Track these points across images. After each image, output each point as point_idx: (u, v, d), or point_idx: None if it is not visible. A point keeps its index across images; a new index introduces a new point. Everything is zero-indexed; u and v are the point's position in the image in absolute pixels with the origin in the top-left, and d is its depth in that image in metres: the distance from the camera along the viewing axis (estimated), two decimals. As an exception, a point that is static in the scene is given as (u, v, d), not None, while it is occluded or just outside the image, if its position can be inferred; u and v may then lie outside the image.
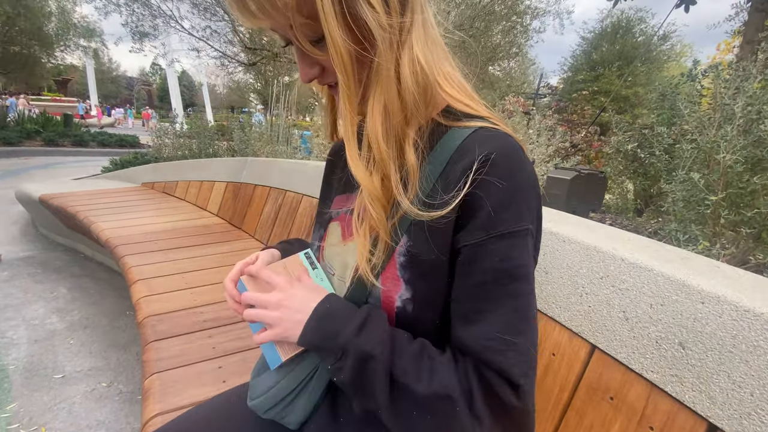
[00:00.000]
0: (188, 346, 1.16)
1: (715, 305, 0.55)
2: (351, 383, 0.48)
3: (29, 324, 2.26)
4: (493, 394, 0.45)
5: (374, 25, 0.44)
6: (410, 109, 0.48)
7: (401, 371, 0.47)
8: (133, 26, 6.75)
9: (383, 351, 0.47)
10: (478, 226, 0.46)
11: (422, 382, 0.46)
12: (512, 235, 0.46)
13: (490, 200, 0.46)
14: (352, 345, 0.48)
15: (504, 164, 0.46)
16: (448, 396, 0.45)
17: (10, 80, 16.42)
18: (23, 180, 5.98)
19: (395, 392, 0.47)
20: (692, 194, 1.52)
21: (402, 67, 0.46)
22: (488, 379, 0.45)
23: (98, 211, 2.60)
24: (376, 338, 0.48)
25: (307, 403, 0.60)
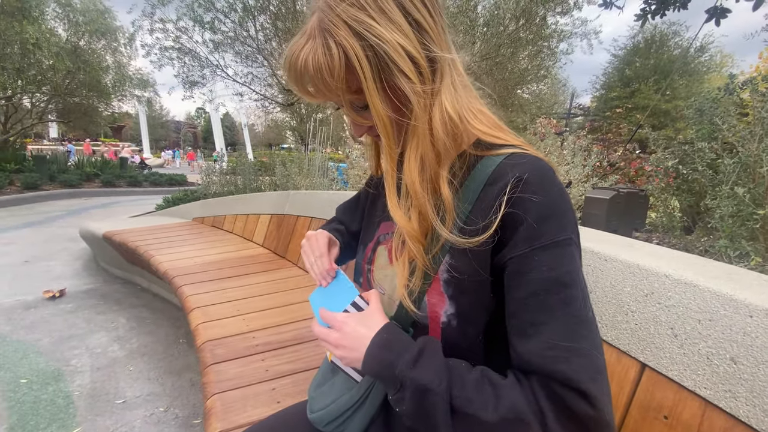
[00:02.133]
0: (244, 369, 1.23)
1: (765, 318, 0.56)
2: (413, 415, 0.49)
3: (92, 352, 2.44)
4: (564, 408, 0.45)
5: (410, 93, 0.51)
6: (442, 153, 0.55)
7: (465, 402, 0.47)
8: (185, 76, 7.41)
9: (440, 383, 0.48)
10: (521, 240, 0.49)
11: (489, 410, 0.46)
12: (556, 244, 0.49)
13: (529, 215, 0.49)
14: (408, 378, 0.49)
15: (537, 182, 0.50)
16: (519, 419, 0.45)
17: (70, 128, 18.20)
18: (84, 219, 6.52)
19: (461, 424, 0.47)
20: (739, 209, 1.46)
21: (434, 121, 0.53)
22: (556, 392, 0.45)
23: (156, 245, 2.81)
24: (432, 370, 0.49)
25: (365, 416, 0.64)
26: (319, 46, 0.50)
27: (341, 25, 0.49)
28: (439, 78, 0.53)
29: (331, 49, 0.49)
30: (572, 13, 7.43)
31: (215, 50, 7.17)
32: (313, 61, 0.50)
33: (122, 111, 20.25)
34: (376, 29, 0.48)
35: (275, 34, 7.15)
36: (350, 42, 0.48)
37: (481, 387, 0.48)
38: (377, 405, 0.64)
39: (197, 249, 2.79)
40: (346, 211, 0.91)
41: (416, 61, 0.50)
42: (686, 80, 18.84)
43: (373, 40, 0.48)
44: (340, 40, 0.49)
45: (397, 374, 0.50)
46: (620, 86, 21.09)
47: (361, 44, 0.48)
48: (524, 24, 7.03)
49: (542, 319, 0.48)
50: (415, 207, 0.55)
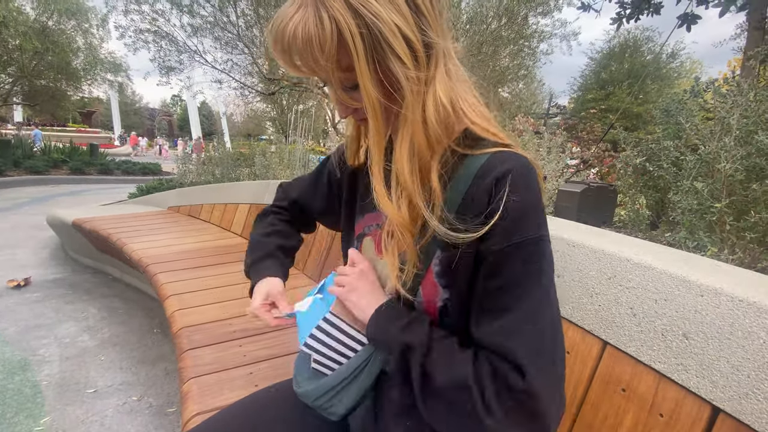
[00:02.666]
0: (221, 354, 1.23)
1: (713, 297, 0.61)
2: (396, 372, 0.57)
3: (61, 342, 2.36)
4: (500, 382, 0.49)
5: (402, 78, 0.49)
6: (434, 143, 0.54)
7: (432, 362, 0.53)
8: (161, 61, 7.17)
9: (421, 344, 0.54)
10: (499, 235, 0.51)
11: (445, 374, 0.52)
12: (531, 242, 0.51)
13: (509, 213, 0.51)
14: (397, 340, 0.56)
15: (519, 181, 0.52)
16: (466, 386, 0.50)
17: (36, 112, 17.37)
18: (52, 206, 6.25)
19: (425, 381, 0.53)
20: (699, 203, 1.56)
21: (427, 109, 0.52)
22: (496, 367, 0.49)
23: (129, 233, 2.74)
24: (417, 333, 0.55)
25: (355, 395, 0.66)
26: (311, 17, 0.47)
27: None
28: (434, 65, 0.52)
29: (323, 21, 0.46)
30: (553, 14, 7.59)
31: (193, 35, 6.97)
32: (303, 32, 0.47)
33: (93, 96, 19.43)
34: (374, 6, 0.46)
35: (257, 21, 7.00)
36: (345, 16, 0.46)
37: (446, 353, 0.54)
38: (367, 386, 0.65)
39: (173, 237, 2.74)
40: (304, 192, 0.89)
41: (412, 44, 0.49)
42: (658, 84, 19.56)
43: (369, 18, 0.46)
44: (334, 13, 0.46)
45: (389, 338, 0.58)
46: (596, 88, 21.71)
47: (356, 20, 0.46)
48: (506, 23, 7.14)
49: (507, 306, 0.51)
50: (404, 197, 0.55)
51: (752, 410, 0.54)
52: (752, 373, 0.55)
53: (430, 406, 0.54)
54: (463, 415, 0.50)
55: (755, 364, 0.55)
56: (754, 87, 1.68)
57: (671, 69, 20.73)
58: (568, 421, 0.77)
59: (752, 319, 0.56)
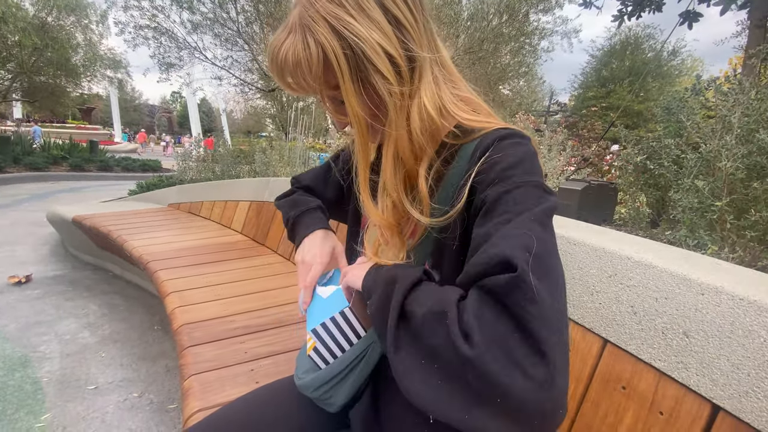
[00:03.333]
0: (222, 351, 1.23)
1: (714, 295, 0.61)
2: (376, 312, 0.49)
3: (61, 339, 2.37)
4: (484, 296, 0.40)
5: (386, 94, 0.51)
6: (419, 151, 0.56)
7: (413, 299, 0.46)
8: (161, 57, 7.15)
9: (406, 278, 0.48)
10: (491, 181, 0.49)
11: (425, 306, 0.43)
12: (524, 184, 0.48)
13: (500, 164, 0.50)
14: (385, 275, 0.52)
15: (510, 141, 0.52)
16: (443, 311, 0.41)
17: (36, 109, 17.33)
18: (51, 203, 6.25)
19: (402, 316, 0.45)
20: (699, 201, 1.57)
21: (412, 121, 0.53)
22: (481, 284, 0.41)
23: (129, 230, 2.74)
24: (404, 270, 0.51)
25: (353, 385, 0.66)
26: (299, 42, 0.51)
27: (321, 22, 0.49)
28: (417, 77, 0.54)
29: (309, 45, 0.50)
30: (554, 11, 7.56)
31: (193, 31, 6.95)
32: (292, 55, 0.51)
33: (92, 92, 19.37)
34: (355, 27, 0.49)
35: (257, 17, 6.98)
36: (328, 39, 0.49)
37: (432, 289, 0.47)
38: (365, 375, 0.66)
39: (173, 234, 2.74)
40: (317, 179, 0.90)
41: (394, 60, 0.51)
42: (659, 82, 19.53)
43: (352, 39, 0.49)
44: (319, 37, 0.49)
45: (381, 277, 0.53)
46: (597, 86, 21.69)
47: (340, 42, 0.49)
48: (507, 20, 7.12)
49: (500, 239, 0.43)
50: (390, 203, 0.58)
51: (752, 408, 0.54)
52: (752, 372, 0.55)
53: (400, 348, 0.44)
54: (433, 349, 0.40)
55: (755, 363, 0.55)
56: (756, 85, 1.68)
57: (672, 67, 20.70)
58: (567, 420, 0.77)
59: (753, 317, 0.56)
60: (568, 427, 0.77)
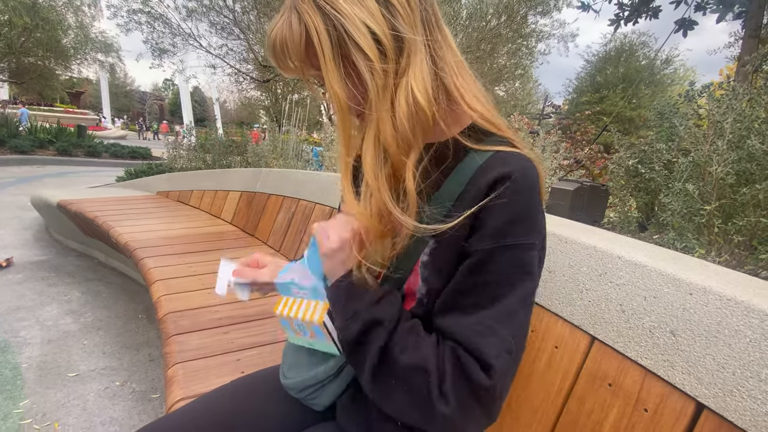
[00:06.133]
0: (207, 340, 1.22)
1: (702, 295, 0.61)
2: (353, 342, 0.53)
3: (43, 325, 2.32)
4: (463, 375, 0.49)
5: (366, 72, 0.50)
6: (406, 139, 0.52)
7: (394, 342, 0.52)
8: (154, 43, 7.01)
9: (391, 322, 0.53)
10: (489, 235, 0.51)
11: (406, 354, 0.51)
12: (520, 247, 0.50)
13: (504, 214, 0.50)
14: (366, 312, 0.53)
15: (520, 184, 0.51)
16: (425, 369, 0.49)
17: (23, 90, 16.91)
18: (37, 187, 6.12)
19: (383, 358, 0.52)
20: (688, 205, 1.59)
21: (397, 105, 0.51)
22: (462, 361, 0.49)
23: (116, 217, 2.69)
24: (389, 310, 0.54)
25: (337, 387, 0.65)
26: (286, 22, 0.52)
27: (308, 1, 0.50)
28: (405, 58, 0.51)
29: (293, 24, 0.51)
30: (552, 14, 7.60)
31: (188, 18, 6.82)
32: (279, 36, 0.52)
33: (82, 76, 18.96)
34: (338, 3, 0.48)
35: (254, 6, 6.88)
36: (312, 16, 0.49)
37: (409, 334, 0.53)
38: (349, 379, 0.65)
39: (161, 223, 2.70)
40: None
41: (378, 38, 0.49)
42: (651, 90, 19.78)
43: (333, 15, 0.48)
44: (303, 15, 0.50)
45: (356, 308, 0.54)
46: (591, 91, 21.88)
47: (323, 18, 0.49)
48: (506, 21, 7.13)
49: (483, 304, 0.51)
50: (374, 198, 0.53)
51: (736, 407, 0.55)
52: (737, 371, 0.55)
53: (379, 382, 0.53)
54: (414, 397, 0.50)
55: (741, 362, 0.55)
56: (749, 92, 1.71)
57: (665, 75, 20.97)
58: (553, 415, 0.78)
59: (739, 318, 0.56)
60: (553, 422, 0.77)
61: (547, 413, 0.78)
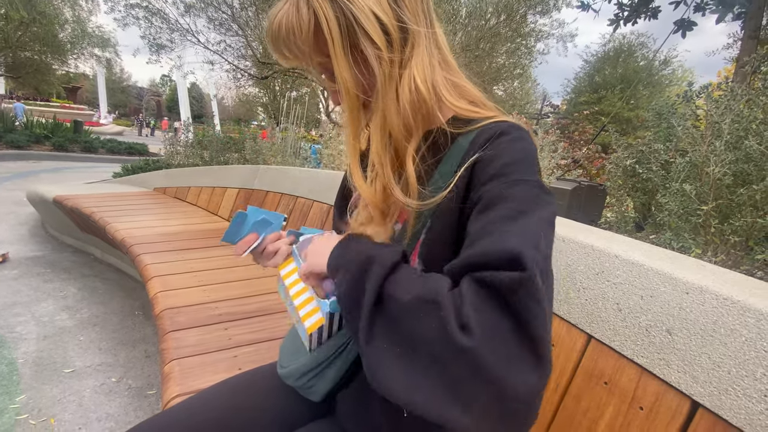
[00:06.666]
0: (204, 336, 1.22)
1: (699, 295, 0.62)
2: (347, 293, 0.47)
3: (38, 321, 2.31)
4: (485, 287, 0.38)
5: (374, 60, 0.51)
6: (408, 127, 0.55)
7: (392, 283, 0.44)
8: (151, 38, 6.97)
9: (383, 258, 0.46)
10: (488, 179, 0.49)
11: (409, 292, 0.41)
12: (525, 182, 0.48)
13: (498, 159, 0.50)
14: (361, 254, 0.49)
15: (510, 134, 0.52)
16: (433, 300, 0.39)
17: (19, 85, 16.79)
18: (33, 182, 6.08)
19: (381, 306, 0.43)
20: (685, 205, 1.60)
21: (401, 92, 0.53)
22: (481, 276, 0.39)
23: (113, 213, 2.67)
24: (385, 251, 0.48)
25: (337, 373, 0.65)
26: (293, 7, 0.51)
27: None
28: (409, 48, 0.53)
29: (301, 10, 0.51)
30: (551, 14, 7.60)
31: (186, 13, 6.77)
32: (286, 22, 0.52)
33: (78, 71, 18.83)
34: None
35: (252, 2, 6.84)
36: (321, 4, 0.49)
37: (413, 275, 0.45)
38: (350, 362, 0.64)
39: (158, 219, 2.69)
40: None
41: (386, 28, 0.51)
42: (649, 91, 19.84)
43: (343, 2, 0.49)
44: (312, 1, 0.50)
45: (354, 255, 0.50)
46: (589, 91, 21.92)
47: (332, 6, 0.49)
48: (505, 20, 7.13)
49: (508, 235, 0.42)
50: (379, 179, 0.56)
51: (731, 406, 0.55)
52: (733, 370, 0.56)
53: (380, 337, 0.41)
54: (427, 346, 0.38)
55: (736, 361, 0.56)
56: (747, 93, 1.72)
57: (663, 76, 21.03)
58: (549, 413, 0.78)
59: (735, 317, 0.57)
60: (549, 420, 0.78)
61: (543, 411, 0.79)
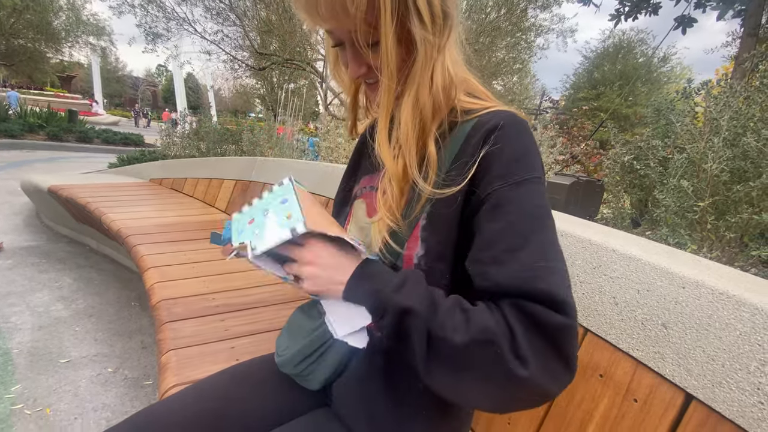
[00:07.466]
0: (202, 327, 1.22)
1: (695, 289, 0.62)
2: (393, 337, 0.50)
3: (33, 311, 2.30)
4: (534, 323, 0.44)
5: (420, 40, 0.52)
6: (436, 108, 0.57)
7: (438, 326, 0.47)
8: (147, 27, 6.88)
9: (422, 306, 0.49)
10: (495, 177, 0.52)
11: (459, 332, 0.46)
12: (528, 181, 0.51)
13: (503, 156, 0.52)
14: (392, 302, 0.50)
15: (512, 128, 0.54)
16: (489, 340, 0.45)
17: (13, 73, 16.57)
18: (27, 172, 6.02)
19: (434, 348, 0.47)
20: (682, 201, 1.61)
21: (435, 73, 0.55)
22: (527, 309, 0.45)
23: (108, 203, 2.65)
24: (415, 294, 0.50)
25: (333, 361, 0.65)
26: None
27: None
28: (447, 34, 0.55)
29: None
30: (551, 9, 7.56)
31: (183, 2, 6.68)
32: None
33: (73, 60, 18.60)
34: None
35: (250, -8, 6.76)
36: None
37: (453, 312, 0.49)
38: (346, 351, 0.65)
39: (154, 210, 2.67)
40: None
41: (434, 9, 0.52)
42: (648, 88, 19.85)
43: None
44: None
45: (382, 299, 0.51)
46: (588, 88, 21.90)
47: None
48: (505, 14, 7.09)
49: (518, 245, 0.48)
50: (402, 154, 0.57)
51: (724, 398, 0.56)
52: (727, 363, 0.56)
53: (440, 375, 0.48)
54: (486, 376, 0.45)
55: (730, 355, 0.56)
56: (746, 90, 1.72)
57: (661, 73, 21.03)
58: (542, 406, 0.79)
59: (731, 311, 0.57)
60: (543, 413, 0.78)
61: (539, 403, 0.80)
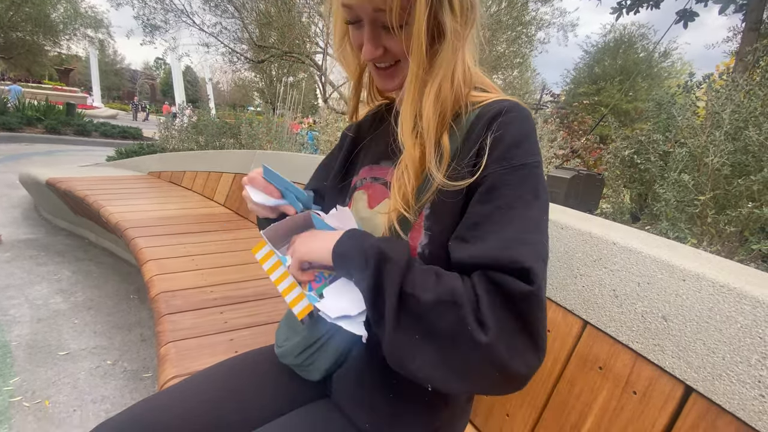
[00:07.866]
0: (201, 320, 1.21)
1: (695, 282, 0.62)
2: (369, 288, 0.51)
3: (32, 303, 2.30)
4: (500, 291, 0.45)
5: (449, 29, 0.53)
6: (456, 99, 0.58)
7: (410, 282, 0.48)
8: (145, 19, 6.81)
9: (400, 258, 0.50)
10: (495, 160, 0.53)
11: (428, 292, 0.47)
12: (526, 166, 0.52)
13: (504, 140, 0.53)
14: (374, 249, 0.51)
15: (514, 114, 0.55)
16: (454, 302, 0.46)
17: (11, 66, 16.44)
18: (25, 165, 6.00)
19: (404, 303, 0.48)
20: (682, 195, 1.61)
21: (456, 65, 0.56)
22: (498, 280, 0.46)
23: (107, 196, 2.64)
24: (397, 248, 0.52)
25: (333, 352, 0.65)
26: None
27: None
28: (469, 25, 0.56)
29: None
30: (553, 2, 7.50)
31: (181, -6, 6.62)
32: None
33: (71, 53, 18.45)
34: None
35: (249, -16, 6.69)
36: None
37: (426, 274, 0.50)
38: (346, 341, 0.64)
39: (153, 203, 2.66)
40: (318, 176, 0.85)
41: (465, 3, 0.53)
42: (648, 83, 19.77)
43: None
44: None
45: (366, 246, 0.53)
46: (588, 82, 21.81)
47: None
48: (506, 7, 7.03)
49: (502, 226, 0.50)
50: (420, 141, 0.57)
51: (724, 391, 0.56)
52: (727, 356, 0.56)
53: (404, 331, 0.48)
54: (448, 337, 0.46)
55: (730, 347, 0.56)
56: (748, 83, 1.71)
57: (662, 69, 20.93)
58: (542, 396, 0.79)
59: (731, 304, 0.57)
60: (542, 404, 0.79)
61: (537, 395, 0.80)
